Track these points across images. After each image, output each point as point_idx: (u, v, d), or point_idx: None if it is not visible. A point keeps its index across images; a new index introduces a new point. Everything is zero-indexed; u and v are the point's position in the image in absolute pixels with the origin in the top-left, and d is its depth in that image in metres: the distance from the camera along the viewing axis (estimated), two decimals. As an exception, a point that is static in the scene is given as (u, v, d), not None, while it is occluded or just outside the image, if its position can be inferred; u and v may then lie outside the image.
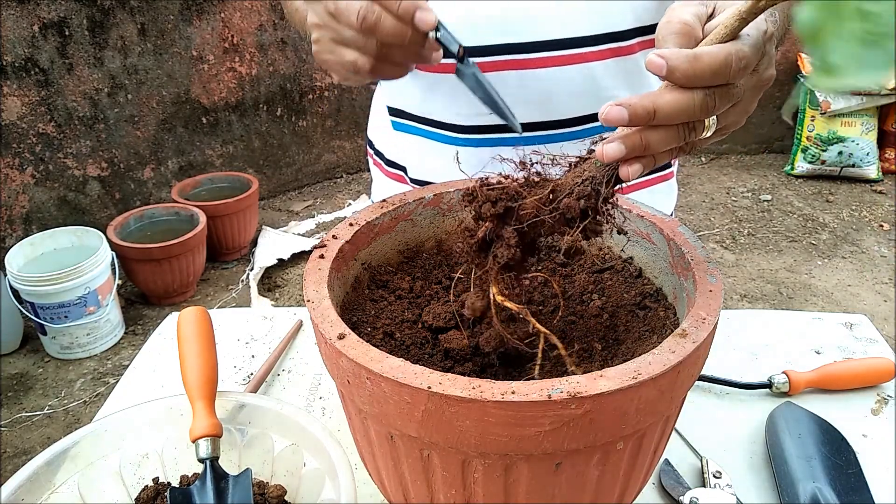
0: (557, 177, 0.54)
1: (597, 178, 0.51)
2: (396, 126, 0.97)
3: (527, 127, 0.86)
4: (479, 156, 0.90)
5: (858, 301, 2.73)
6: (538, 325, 0.53)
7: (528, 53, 0.82)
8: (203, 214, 2.81)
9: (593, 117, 0.87)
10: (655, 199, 0.96)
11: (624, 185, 0.52)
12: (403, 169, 0.99)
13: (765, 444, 0.78)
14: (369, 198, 1.13)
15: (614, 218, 0.53)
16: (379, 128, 1.02)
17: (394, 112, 0.96)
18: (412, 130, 0.95)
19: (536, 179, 0.54)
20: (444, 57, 0.66)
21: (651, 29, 0.85)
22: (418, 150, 0.95)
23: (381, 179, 1.05)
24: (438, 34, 0.62)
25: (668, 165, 0.99)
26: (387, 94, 0.98)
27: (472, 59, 0.67)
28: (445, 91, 0.87)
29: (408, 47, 0.63)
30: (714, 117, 0.49)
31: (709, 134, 0.50)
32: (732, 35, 0.47)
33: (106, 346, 2.52)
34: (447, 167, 0.91)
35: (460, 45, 0.64)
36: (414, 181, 0.97)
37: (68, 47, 2.72)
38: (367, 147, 1.08)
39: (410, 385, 0.46)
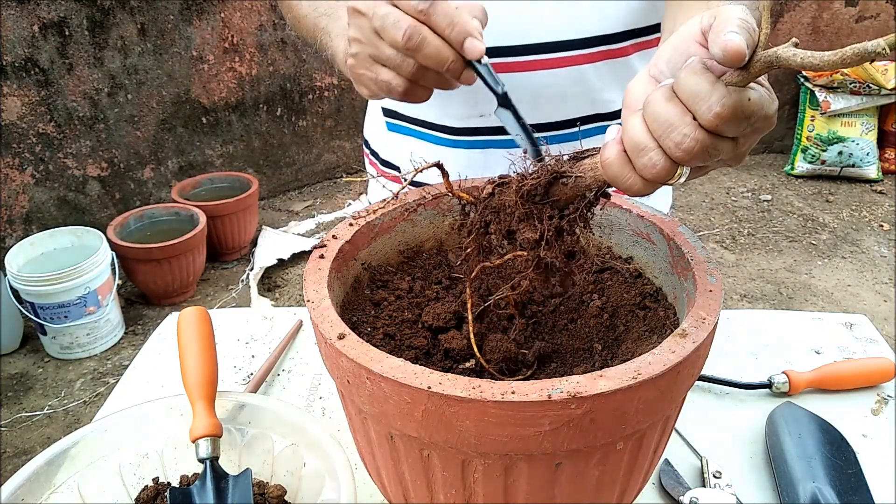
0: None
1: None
2: (390, 127, 0.97)
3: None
4: (471, 157, 0.90)
5: (858, 301, 2.73)
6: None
7: (519, 56, 0.82)
8: (203, 214, 2.81)
9: (585, 120, 0.87)
10: (651, 199, 0.96)
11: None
12: (398, 169, 0.99)
13: (765, 444, 0.78)
14: (367, 197, 1.13)
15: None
16: (374, 128, 1.03)
17: (388, 113, 0.97)
18: (405, 131, 0.95)
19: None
20: (484, 86, 0.66)
21: (644, 31, 0.84)
22: (411, 151, 0.95)
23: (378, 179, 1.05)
24: (485, 63, 0.62)
25: None
26: None
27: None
28: (438, 93, 0.88)
29: (443, 74, 0.63)
30: (687, 170, 0.48)
31: (678, 182, 0.49)
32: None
33: (106, 346, 2.52)
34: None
35: (504, 87, 0.63)
36: (409, 182, 0.97)
37: (68, 47, 2.72)
38: (364, 147, 1.09)
39: (410, 385, 0.46)
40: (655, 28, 0.85)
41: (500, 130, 0.86)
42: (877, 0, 3.56)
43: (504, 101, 0.64)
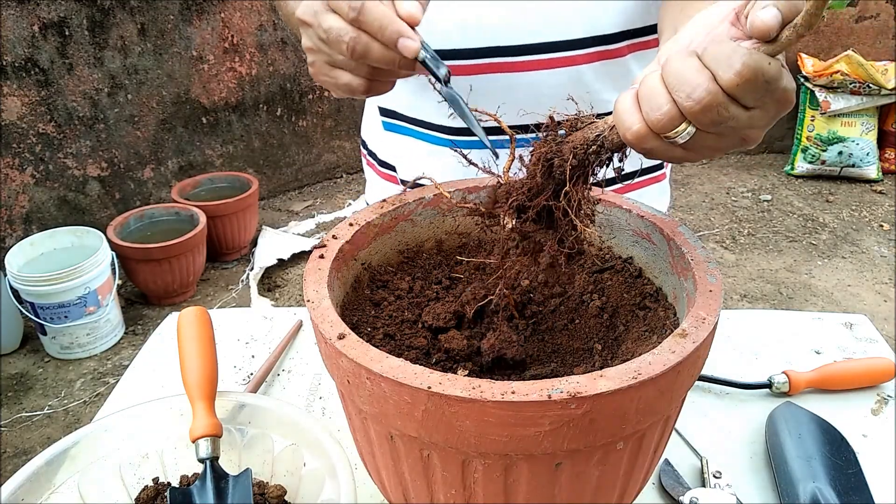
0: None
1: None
2: (387, 126, 0.97)
3: (514, 130, 0.86)
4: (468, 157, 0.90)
5: (858, 301, 2.73)
6: None
7: (516, 56, 0.82)
8: (203, 214, 2.81)
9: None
10: (647, 200, 0.96)
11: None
12: (394, 169, 0.99)
13: (765, 444, 0.78)
14: (364, 198, 1.13)
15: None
16: (371, 128, 1.03)
17: (385, 112, 0.97)
18: (402, 131, 0.95)
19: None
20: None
21: (640, 31, 0.84)
22: (408, 151, 0.95)
23: (374, 179, 1.05)
24: (426, 56, 0.63)
25: (661, 167, 0.98)
26: None
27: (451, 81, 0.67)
28: (433, 93, 0.88)
29: (397, 69, 0.64)
30: (691, 129, 0.48)
31: (678, 139, 0.48)
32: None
33: (106, 346, 2.52)
34: (436, 167, 0.92)
35: (448, 70, 0.64)
36: (404, 182, 0.97)
37: (68, 47, 2.72)
38: (361, 147, 1.09)
39: (410, 385, 0.46)
40: (652, 29, 0.85)
41: (496, 131, 0.87)
42: (877, 0, 3.56)
43: (447, 82, 0.64)
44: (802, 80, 3.62)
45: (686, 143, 0.49)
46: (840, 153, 3.54)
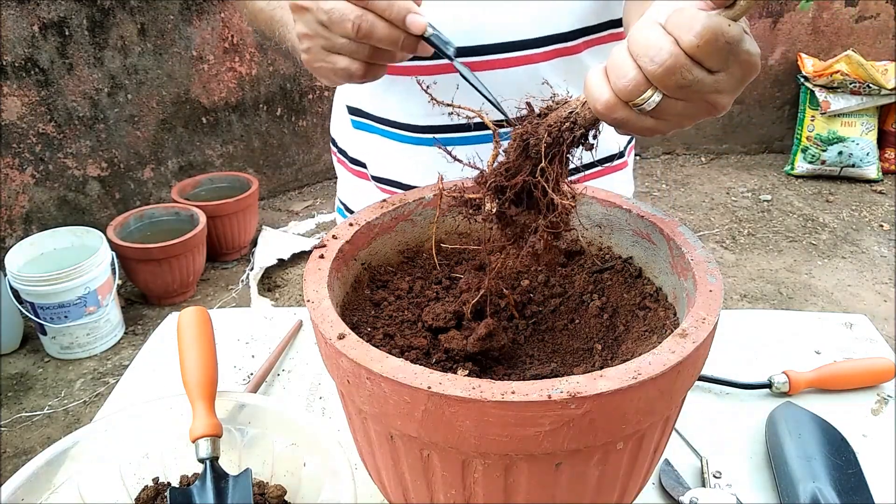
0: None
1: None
2: (355, 124, 0.98)
3: (478, 127, 0.86)
4: (433, 155, 0.91)
5: (858, 301, 2.73)
6: None
7: (475, 56, 0.83)
8: (203, 214, 2.81)
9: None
10: (611, 189, 0.97)
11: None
12: (365, 165, 0.99)
13: (765, 444, 0.78)
14: (336, 196, 1.13)
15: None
16: (341, 126, 1.03)
17: (352, 111, 0.97)
18: (369, 129, 0.96)
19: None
20: (435, 57, 0.67)
21: (595, 29, 0.86)
22: (376, 148, 0.96)
23: (345, 177, 1.06)
24: (431, 34, 0.63)
25: (622, 154, 0.99)
26: (345, 92, 0.99)
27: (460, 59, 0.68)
28: (400, 91, 0.88)
29: (399, 49, 0.64)
30: (658, 95, 0.49)
31: (645, 105, 0.49)
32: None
33: (106, 346, 2.52)
34: (404, 165, 0.92)
35: (455, 47, 0.65)
36: (374, 178, 0.98)
37: (68, 47, 2.72)
38: (331, 146, 1.09)
39: (410, 385, 0.46)
40: (606, 25, 0.87)
41: (464, 128, 0.87)
42: (877, 0, 3.55)
43: (455, 56, 0.65)
44: (802, 80, 3.62)
45: (654, 111, 0.50)
46: (840, 153, 3.54)
